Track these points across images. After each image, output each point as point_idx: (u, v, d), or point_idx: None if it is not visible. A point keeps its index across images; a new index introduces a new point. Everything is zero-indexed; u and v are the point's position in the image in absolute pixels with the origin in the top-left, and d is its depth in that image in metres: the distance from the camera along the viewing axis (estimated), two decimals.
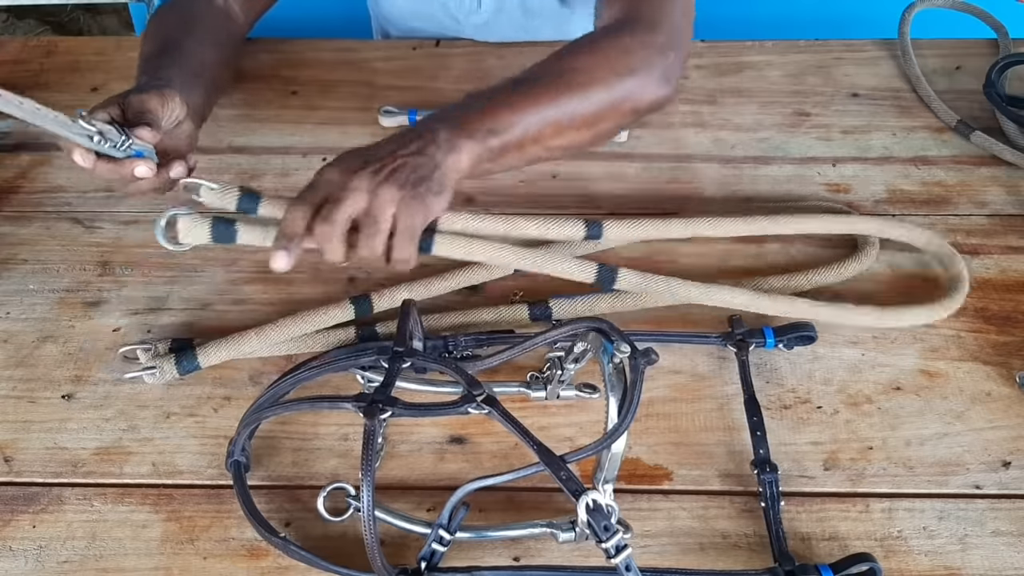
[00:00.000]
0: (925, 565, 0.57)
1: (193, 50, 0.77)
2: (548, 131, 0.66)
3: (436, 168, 0.61)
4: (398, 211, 0.59)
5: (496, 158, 0.65)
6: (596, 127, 0.69)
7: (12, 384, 0.67)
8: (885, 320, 0.69)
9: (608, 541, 0.48)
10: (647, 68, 0.69)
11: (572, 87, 0.67)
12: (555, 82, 0.67)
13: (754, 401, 0.63)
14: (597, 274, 0.68)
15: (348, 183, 0.60)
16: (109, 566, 0.57)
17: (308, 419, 0.65)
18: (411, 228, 0.60)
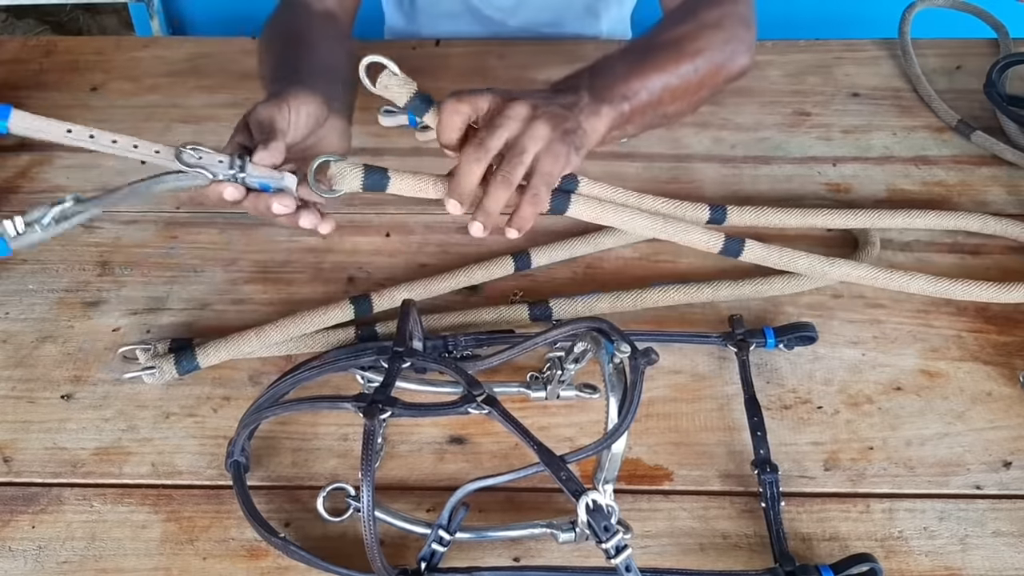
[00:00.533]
0: (926, 565, 0.57)
1: (316, 47, 0.75)
2: (667, 97, 0.69)
3: (580, 127, 0.63)
4: (543, 151, 0.60)
5: (625, 123, 0.67)
6: (699, 94, 0.73)
7: (12, 384, 0.67)
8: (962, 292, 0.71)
9: (608, 541, 0.48)
10: (738, 38, 0.74)
11: (685, 55, 0.70)
12: (672, 50, 0.70)
13: (754, 401, 0.63)
14: (724, 244, 0.69)
15: (506, 109, 0.61)
16: (109, 566, 0.57)
17: (308, 419, 0.65)
18: (550, 173, 0.60)
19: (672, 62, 0.69)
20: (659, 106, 0.69)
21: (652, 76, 0.68)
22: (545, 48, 1.01)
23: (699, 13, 0.73)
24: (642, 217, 0.66)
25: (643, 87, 0.67)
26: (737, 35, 0.74)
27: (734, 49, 0.73)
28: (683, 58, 0.70)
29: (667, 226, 0.67)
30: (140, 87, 0.96)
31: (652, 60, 0.69)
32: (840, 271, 0.70)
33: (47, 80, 0.97)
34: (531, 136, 0.60)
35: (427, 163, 0.87)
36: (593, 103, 0.65)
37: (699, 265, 0.76)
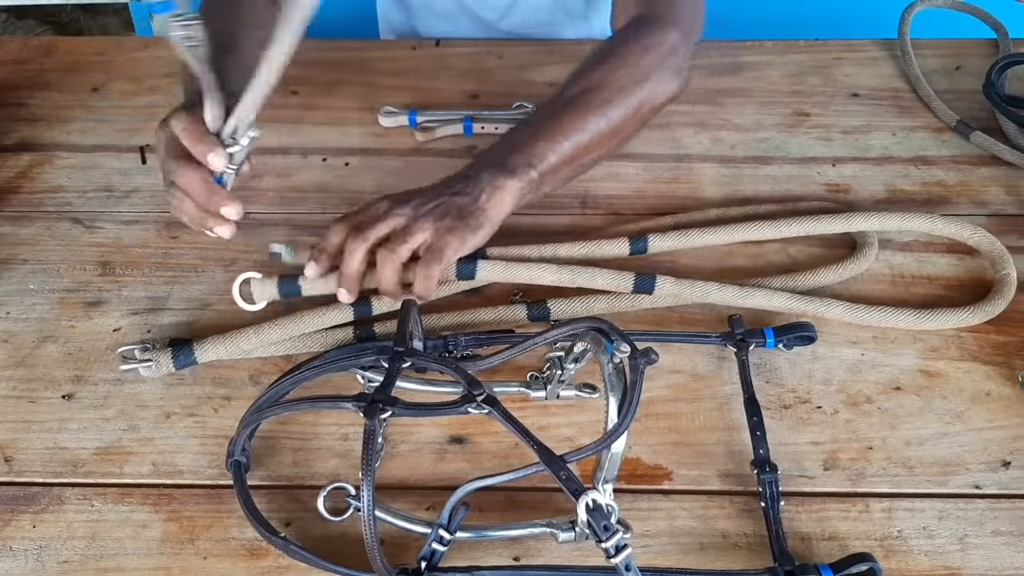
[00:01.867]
0: (925, 565, 0.57)
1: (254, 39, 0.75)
2: (580, 151, 0.71)
3: (477, 208, 0.67)
4: (431, 237, 0.65)
5: (536, 188, 0.70)
6: (619, 136, 0.74)
7: (12, 384, 0.67)
8: (923, 323, 0.70)
9: (608, 541, 0.48)
10: (661, 69, 0.73)
11: (596, 106, 0.71)
12: (579, 105, 0.71)
13: (754, 401, 0.63)
14: (635, 283, 0.70)
15: (391, 211, 0.66)
16: (109, 566, 0.57)
17: (308, 419, 0.65)
18: (439, 252, 0.64)
19: (580, 119, 0.70)
20: (573, 161, 0.71)
21: (558, 138, 0.70)
22: (545, 48, 1.01)
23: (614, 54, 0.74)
24: (550, 271, 0.70)
25: (550, 150, 0.69)
26: (662, 65, 0.73)
27: (656, 81, 0.73)
28: (591, 113, 0.71)
29: (575, 275, 0.70)
30: (141, 87, 0.96)
31: (558, 121, 0.70)
32: (755, 300, 0.70)
33: (48, 80, 0.97)
34: (415, 227, 0.65)
35: (427, 162, 0.87)
36: (496, 178, 0.68)
37: (698, 265, 0.76)
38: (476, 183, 0.68)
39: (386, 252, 0.64)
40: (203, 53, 0.62)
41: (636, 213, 0.81)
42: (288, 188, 0.84)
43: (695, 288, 0.70)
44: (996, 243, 0.74)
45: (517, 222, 0.80)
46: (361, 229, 0.65)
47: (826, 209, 0.79)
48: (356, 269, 0.65)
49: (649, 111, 0.74)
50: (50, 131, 0.90)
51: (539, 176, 0.69)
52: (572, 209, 0.82)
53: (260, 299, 0.69)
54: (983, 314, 0.70)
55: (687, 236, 0.75)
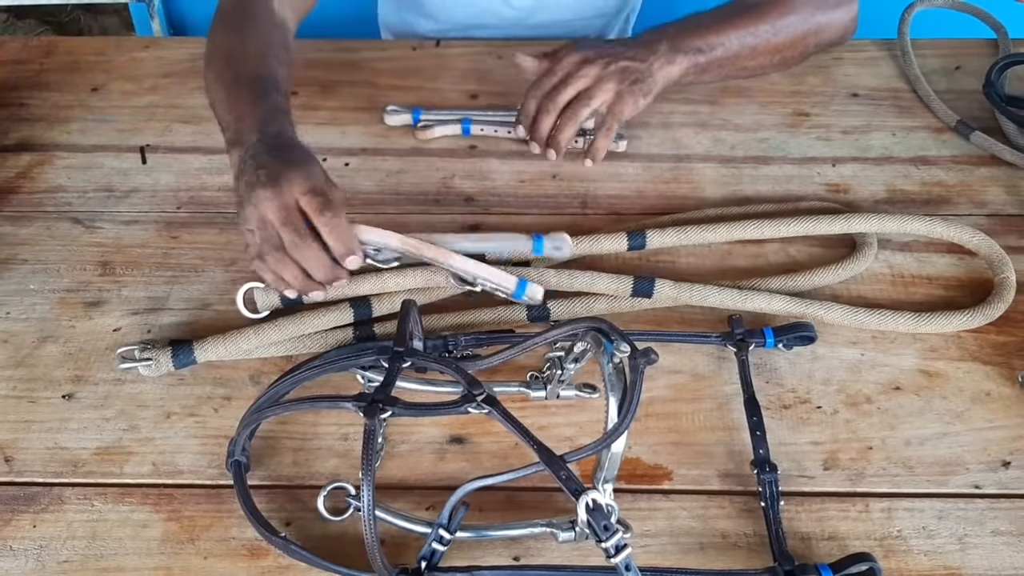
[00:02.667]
0: (925, 565, 0.57)
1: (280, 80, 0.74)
2: (745, 53, 0.81)
3: (651, 75, 0.78)
4: (612, 99, 0.77)
5: (701, 73, 0.81)
6: (783, 54, 0.84)
7: (12, 384, 0.67)
8: (922, 326, 0.70)
9: (608, 541, 0.48)
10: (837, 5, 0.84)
11: (773, 15, 0.81)
12: (756, 13, 0.81)
13: (754, 401, 0.63)
14: (634, 287, 0.70)
15: (579, 70, 0.77)
16: (109, 566, 0.57)
17: (308, 419, 0.65)
18: (618, 116, 0.78)
19: (752, 23, 0.80)
20: (736, 60, 0.81)
21: (730, 33, 0.80)
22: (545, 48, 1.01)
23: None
24: (548, 274, 0.71)
25: (719, 42, 0.80)
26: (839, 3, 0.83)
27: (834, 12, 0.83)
28: (765, 20, 0.80)
29: (573, 279, 0.71)
30: (141, 87, 0.96)
31: (734, 19, 0.80)
32: (754, 303, 0.70)
33: (48, 80, 0.97)
34: (599, 88, 0.76)
35: (427, 162, 0.87)
36: (669, 52, 0.79)
37: (698, 265, 0.76)
38: (653, 51, 0.78)
39: (568, 115, 0.78)
40: None
41: (636, 213, 0.81)
42: None
43: (694, 291, 0.70)
44: (995, 246, 0.74)
45: (515, 222, 0.80)
46: (552, 94, 0.78)
47: (826, 209, 0.79)
48: (547, 130, 0.80)
49: (816, 42, 0.84)
50: (50, 131, 0.90)
51: (705, 62, 0.80)
52: (572, 209, 0.82)
53: (263, 308, 0.71)
54: (982, 317, 0.70)
55: (686, 233, 0.75)
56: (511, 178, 0.85)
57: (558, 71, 0.79)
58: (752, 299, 0.70)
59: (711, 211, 0.80)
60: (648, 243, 0.75)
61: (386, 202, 0.83)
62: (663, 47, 0.79)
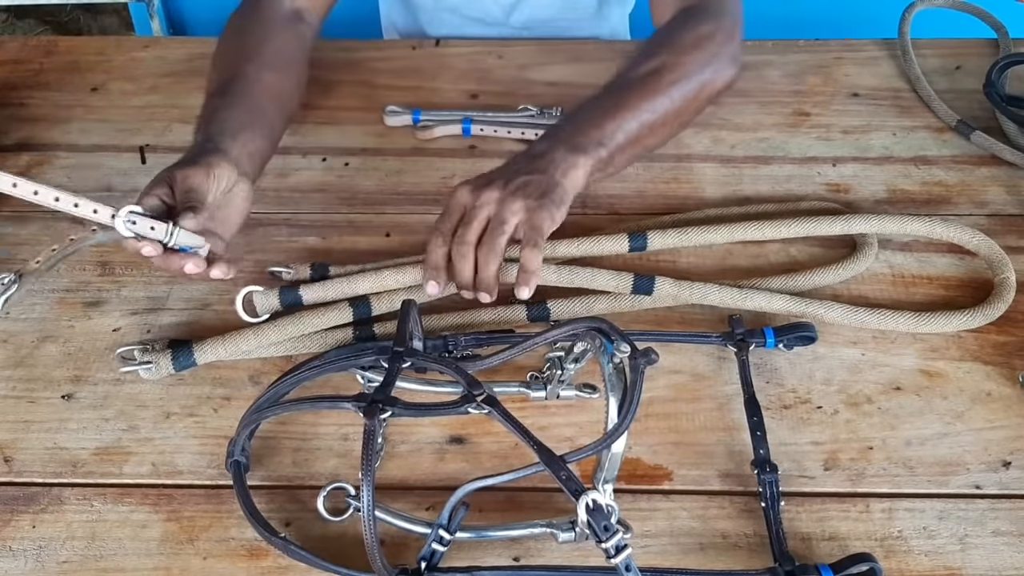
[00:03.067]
0: (925, 565, 0.57)
1: (256, 80, 0.76)
2: (644, 132, 0.72)
3: (557, 183, 0.67)
4: (525, 218, 0.65)
5: (605, 167, 0.71)
6: (681, 119, 0.76)
7: (12, 384, 0.67)
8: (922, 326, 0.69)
9: (608, 541, 0.48)
10: (720, 55, 0.76)
11: (660, 89, 0.73)
12: (646, 87, 0.73)
13: (754, 401, 0.63)
14: (634, 284, 0.70)
15: (477, 200, 0.66)
16: (109, 566, 0.57)
17: (308, 419, 0.65)
18: (538, 229, 0.65)
19: (647, 99, 0.72)
20: (638, 142, 0.72)
21: (627, 117, 0.71)
22: (545, 48, 1.01)
23: (675, 38, 0.75)
24: (549, 270, 0.70)
25: (618, 129, 0.70)
26: (720, 52, 0.75)
27: (716, 67, 0.75)
28: (658, 93, 0.72)
29: (574, 275, 0.70)
30: (140, 87, 0.96)
31: (626, 101, 0.72)
32: (754, 302, 0.70)
33: (47, 80, 0.97)
34: (507, 211, 0.65)
35: (427, 162, 0.87)
36: (569, 155, 0.69)
37: (698, 265, 0.76)
38: (550, 160, 0.68)
39: (487, 250, 0.65)
40: None
41: (636, 213, 0.81)
42: (288, 188, 0.84)
43: (694, 289, 0.70)
44: (994, 247, 0.74)
45: None
46: (459, 236, 0.65)
47: (827, 210, 0.79)
48: (469, 275, 0.66)
49: (707, 97, 0.76)
50: (50, 131, 0.90)
51: (608, 155, 0.70)
52: (572, 209, 0.81)
53: (263, 311, 0.70)
54: (983, 317, 0.70)
55: (686, 234, 0.75)
56: None
57: (454, 210, 0.67)
58: (752, 298, 0.70)
59: (711, 211, 0.80)
60: (649, 244, 0.75)
61: (386, 202, 0.83)
62: (560, 152, 0.69)
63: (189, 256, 0.63)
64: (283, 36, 0.83)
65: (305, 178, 0.85)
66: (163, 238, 0.61)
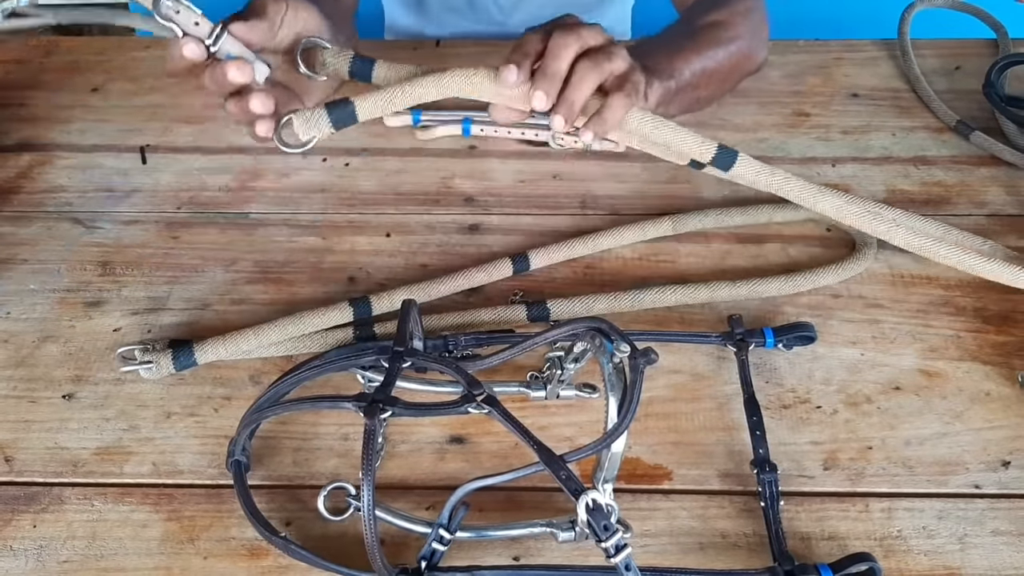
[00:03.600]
0: (925, 565, 0.57)
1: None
2: (703, 80, 0.73)
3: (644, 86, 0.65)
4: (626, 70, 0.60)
5: (669, 101, 0.70)
6: (729, 81, 0.78)
7: (12, 384, 0.67)
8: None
9: (608, 540, 0.48)
10: (760, 31, 0.79)
11: (722, 40, 0.74)
12: (710, 34, 0.74)
13: (754, 401, 0.63)
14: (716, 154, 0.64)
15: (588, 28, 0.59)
16: (109, 566, 0.57)
17: (308, 419, 0.65)
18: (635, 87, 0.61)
19: (710, 46, 0.73)
20: (697, 89, 0.73)
21: (693, 58, 0.72)
22: None
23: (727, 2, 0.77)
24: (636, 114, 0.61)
25: (687, 67, 0.71)
26: (760, 28, 0.78)
27: (757, 41, 0.78)
28: (720, 43, 0.74)
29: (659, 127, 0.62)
30: (141, 87, 0.96)
31: (692, 43, 0.73)
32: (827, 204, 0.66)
33: (48, 80, 0.97)
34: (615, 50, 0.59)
35: (427, 162, 0.87)
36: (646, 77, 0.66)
37: (698, 265, 0.76)
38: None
39: (589, 65, 0.56)
40: None
41: (636, 213, 0.81)
42: (288, 188, 0.84)
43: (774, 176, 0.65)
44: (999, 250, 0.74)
45: (515, 222, 0.81)
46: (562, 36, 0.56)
47: None
48: (563, 68, 0.56)
49: (748, 70, 0.79)
50: (50, 131, 0.91)
51: (675, 89, 0.70)
52: (572, 209, 0.82)
53: (307, 135, 0.58)
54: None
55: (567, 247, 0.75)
56: (511, 178, 0.85)
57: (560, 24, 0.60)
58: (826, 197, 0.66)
59: (712, 212, 0.80)
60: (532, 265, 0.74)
61: (386, 202, 0.83)
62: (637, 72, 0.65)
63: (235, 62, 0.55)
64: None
65: (305, 178, 0.86)
66: (205, 38, 0.53)
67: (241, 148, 0.88)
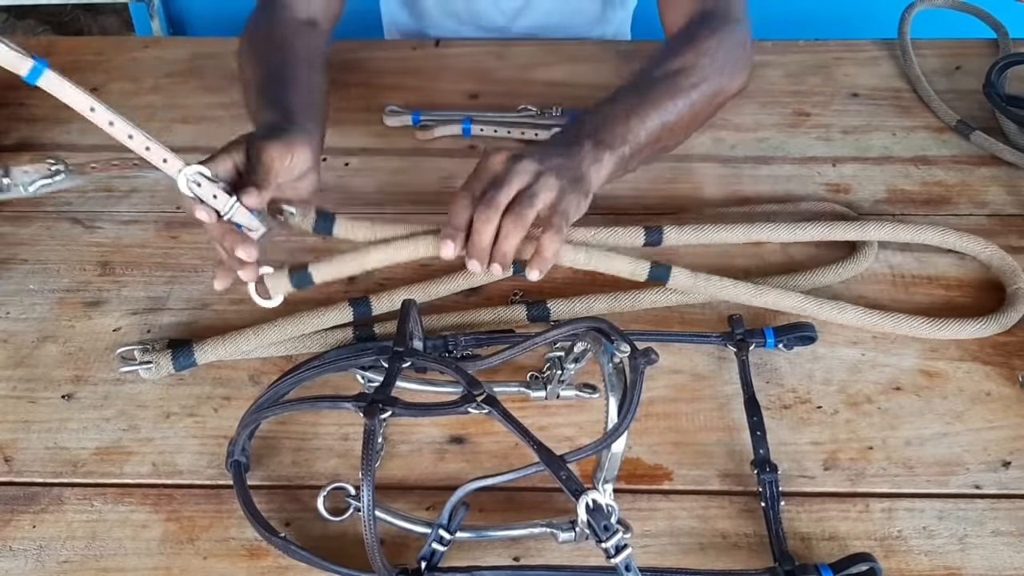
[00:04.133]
0: (925, 565, 0.57)
1: (301, 76, 0.75)
2: (664, 134, 0.71)
3: (585, 176, 0.65)
4: (555, 199, 0.62)
5: (625, 165, 0.69)
6: (696, 121, 0.75)
7: (12, 384, 0.67)
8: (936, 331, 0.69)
9: (608, 541, 0.48)
10: (736, 61, 0.76)
11: (682, 91, 0.71)
12: (669, 87, 0.72)
13: (754, 401, 0.63)
14: (650, 272, 0.68)
15: (513, 167, 0.63)
16: (109, 566, 0.57)
17: (308, 419, 0.65)
18: (565, 215, 0.62)
19: (669, 99, 0.71)
20: (657, 142, 0.71)
21: (651, 116, 0.70)
22: (545, 48, 1.01)
23: (696, 41, 0.74)
24: (566, 249, 0.67)
25: (642, 128, 0.69)
26: (735, 58, 0.75)
27: (730, 74, 0.75)
28: (679, 94, 0.71)
29: (591, 257, 0.67)
30: (140, 87, 0.96)
31: (650, 100, 0.70)
32: (767, 299, 0.69)
33: None
34: (543, 185, 0.62)
35: (428, 163, 0.87)
36: (595, 150, 0.67)
37: (698, 266, 0.76)
38: (580, 150, 0.66)
39: (513, 218, 0.60)
40: None
41: (636, 213, 0.81)
42: None
43: (710, 283, 0.69)
44: (1007, 258, 0.73)
45: None
46: (488, 198, 0.61)
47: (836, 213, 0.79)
48: (489, 242, 0.61)
49: (721, 102, 0.76)
50: (50, 131, 0.90)
51: (630, 153, 0.69)
52: None
53: (276, 293, 0.65)
54: (997, 326, 0.69)
55: (703, 231, 0.74)
56: None
57: (485, 173, 0.64)
58: (766, 294, 0.69)
59: (712, 212, 0.80)
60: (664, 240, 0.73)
61: (386, 202, 0.83)
62: (587, 146, 0.66)
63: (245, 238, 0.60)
64: (306, 36, 0.82)
65: None
66: (221, 209, 0.58)
67: None
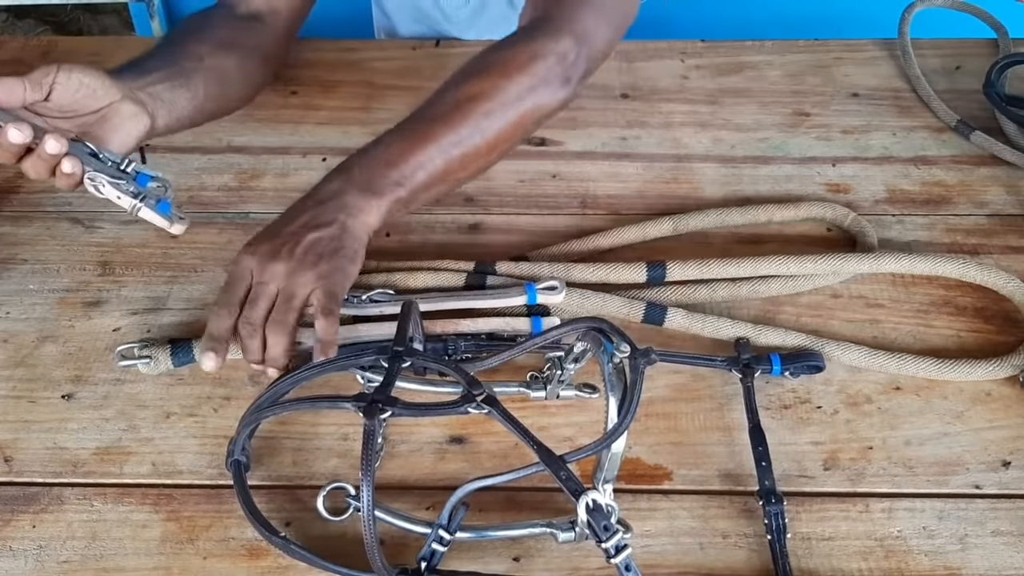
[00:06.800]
0: (925, 565, 0.57)
1: (190, 48, 0.76)
2: (454, 166, 0.67)
3: (347, 234, 0.63)
4: (318, 287, 0.62)
5: (406, 205, 0.67)
6: (499, 149, 0.69)
7: (12, 384, 0.67)
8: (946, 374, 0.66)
9: (608, 541, 0.48)
10: (546, 77, 0.68)
11: (473, 117, 0.66)
12: (457, 115, 0.66)
13: (759, 430, 0.61)
14: (644, 314, 0.69)
15: (263, 274, 0.62)
16: (109, 566, 0.57)
17: (308, 419, 0.65)
18: (334, 298, 0.61)
19: (455, 132, 0.66)
20: (446, 177, 0.67)
21: (430, 153, 0.65)
22: None
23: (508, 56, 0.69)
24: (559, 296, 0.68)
25: (419, 167, 0.65)
26: (550, 75, 0.68)
27: (544, 92, 0.68)
28: (468, 124, 0.66)
29: (585, 299, 0.69)
30: None
31: (431, 134, 0.66)
32: (767, 339, 0.68)
33: None
34: (296, 284, 0.61)
35: None
36: (360, 199, 0.64)
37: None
38: (340, 206, 0.64)
39: (276, 328, 0.61)
40: None
41: (636, 213, 0.81)
42: (288, 188, 0.84)
43: (706, 322, 0.69)
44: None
45: (515, 222, 0.81)
46: (246, 315, 0.61)
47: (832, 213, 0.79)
48: (259, 354, 0.62)
49: (533, 122, 0.70)
50: None
51: (408, 195, 0.66)
52: (572, 209, 0.82)
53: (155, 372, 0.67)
54: (1011, 368, 0.66)
55: (707, 266, 0.72)
56: (511, 178, 0.85)
57: (239, 281, 0.62)
58: (765, 334, 0.68)
59: (712, 212, 0.80)
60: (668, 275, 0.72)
61: None
62: (350, 196, 0.64)
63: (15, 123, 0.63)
64: (230, 25, 0.82)
65: (305, 178, 0.85)
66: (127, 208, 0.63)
67: (240, 148, 0.88)
